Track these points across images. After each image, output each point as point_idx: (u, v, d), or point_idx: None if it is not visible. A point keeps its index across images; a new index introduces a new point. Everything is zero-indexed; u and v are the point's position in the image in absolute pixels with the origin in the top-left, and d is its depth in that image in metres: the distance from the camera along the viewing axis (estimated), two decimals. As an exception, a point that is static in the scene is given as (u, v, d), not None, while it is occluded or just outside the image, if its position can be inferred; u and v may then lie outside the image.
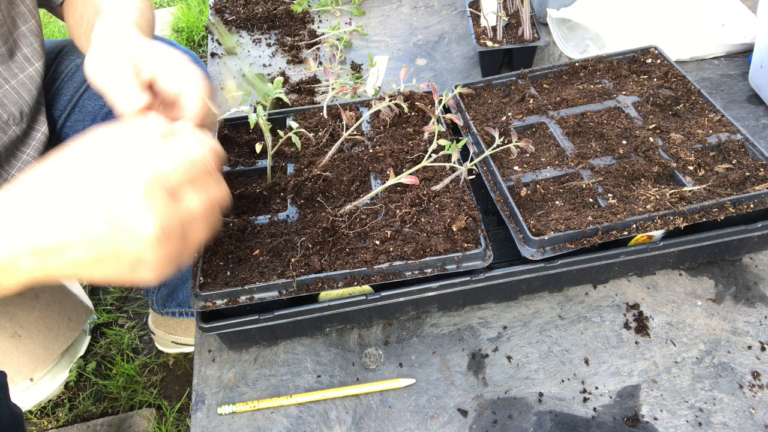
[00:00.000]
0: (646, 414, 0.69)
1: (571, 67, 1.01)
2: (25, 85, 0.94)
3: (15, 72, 0.93)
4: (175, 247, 0.51)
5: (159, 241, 0.49)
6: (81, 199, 0.49)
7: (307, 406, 0.73)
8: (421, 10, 1.49)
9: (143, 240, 0.49)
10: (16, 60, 0.93)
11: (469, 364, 0.76)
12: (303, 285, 0.70)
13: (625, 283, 0.83)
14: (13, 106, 0.93)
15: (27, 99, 0.95)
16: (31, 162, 0.99)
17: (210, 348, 0.81)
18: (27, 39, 0.95)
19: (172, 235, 0.50)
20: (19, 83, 0.93)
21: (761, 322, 0.77)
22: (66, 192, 0.50)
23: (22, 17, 0.94)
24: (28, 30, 0.95)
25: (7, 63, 0.92)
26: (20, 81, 0.94)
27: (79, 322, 1.49)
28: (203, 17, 2.87)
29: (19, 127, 0.95)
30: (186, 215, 0.52)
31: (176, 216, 0.51)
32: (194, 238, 0.54)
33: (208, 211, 0.54)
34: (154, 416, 1.43)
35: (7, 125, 0.93)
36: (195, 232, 0.53)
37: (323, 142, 0.90)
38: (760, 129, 1.03)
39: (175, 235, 0.51)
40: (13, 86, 0.92)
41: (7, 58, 0.92)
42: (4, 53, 0.91)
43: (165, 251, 0.50)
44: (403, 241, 0.73)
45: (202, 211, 0.53)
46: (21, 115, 0.94)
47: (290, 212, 0.80)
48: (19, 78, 0.93)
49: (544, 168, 0.84)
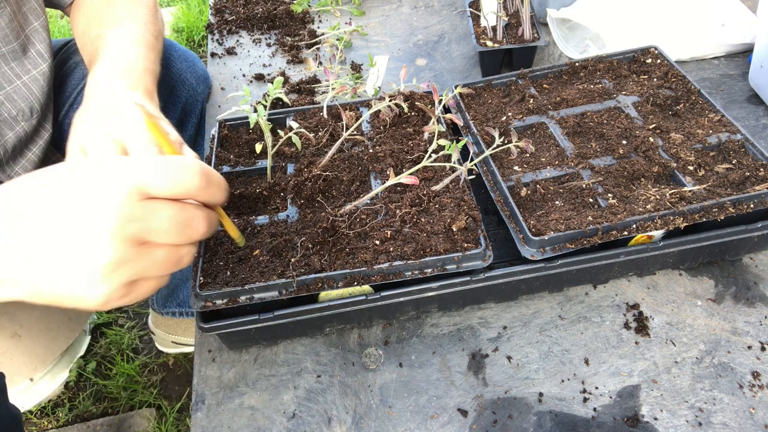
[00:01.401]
0: (646, 414, 0.69)
1: (571, 67, 1.01)
2: (36, 81, 0.94)
3: (28, 68, 0.92)
4: (133, 264, 0.47)
5: (113, 233, 0.45)
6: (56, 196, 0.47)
7: (307, 406, 0.73)
8: (421, 10, 1.49)
9: (98, 224, 0.45)
10: (30, 56, 0.93)
11: (469, 364, 0.76)
12: (303, 285, 0.70)
13: (625, 283, 0.83)
14: (23, 102, 0.92)
15: (38, 95, 0.94)
16: (35, 161, 0.99)
17: (210, 348, 0.81)
18: (40, 35, 0.94)
19: (133, 230, 0.46)
20: (31, 79, 0.93)
21: (761, 322, 0.77)
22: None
23: (34, 12, 0.93)
24: (41, 26, 0.94)
25: (21, 59, 0.91)
26: (32, 77, 0.93)
27: (79, 322, 1.49)
28: (203, 17, 2.87)
29: (28, 124, 0.94)
30: (152, 223, 0.48)
31: (140, 219, 0.47)
32: (160, 262, 0.49)
33: (176, 230, 0.49)
34: (154, 416, 1.43)
35: (15, 121, 0.92)
36: (161, 251, 0.49)
37: (323, 142, 0.90)
38: (760, 129, 1.03)
39: (136, 235, 0.47)
40: (25, 82, 0.92)
41: (20, 54, 0.91)
42: (17, 49, 0.90)
43: (118, 251, 0.46)
44: (403, 241, 0.73)
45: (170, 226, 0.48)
46: (31, 111, 0.94)
47: (290, 212, 0.80)
48: (31, 74, 0.93)
49: (544, 168, 0.84)
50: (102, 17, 0.91)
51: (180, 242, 0.50)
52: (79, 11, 0.97)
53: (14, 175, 0.95)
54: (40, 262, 0.46)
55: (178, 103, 1.14)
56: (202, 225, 0.50)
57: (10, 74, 0.90)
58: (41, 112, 0.96)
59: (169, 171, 0.48)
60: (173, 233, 0.48)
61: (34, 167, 0.98)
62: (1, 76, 0.89)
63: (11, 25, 0.88)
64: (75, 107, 1.07)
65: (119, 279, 0.47)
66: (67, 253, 0.46)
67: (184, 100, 1.15)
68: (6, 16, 0.86)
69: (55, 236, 0.46)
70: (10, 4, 0.87)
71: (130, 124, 0.70)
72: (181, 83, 1.14)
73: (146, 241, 0.48)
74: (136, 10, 0.93)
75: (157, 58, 0.89)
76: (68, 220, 0.46)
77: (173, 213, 0.48)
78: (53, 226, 0.46)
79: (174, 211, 0.48)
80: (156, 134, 0.54)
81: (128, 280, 0.48)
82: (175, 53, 1.14)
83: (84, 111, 0.76)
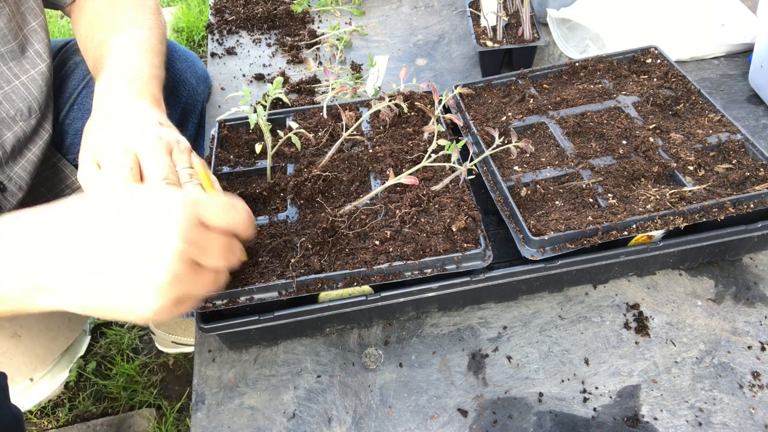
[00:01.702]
0: (646, 414, 0.69)
1: (571, 67, 1.01)
2: (35, 81, 0.94)
3: (26, 68, 0.92)
4: (186, 283, 0.53)
5: (178, 252, 0.51)
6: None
7: (307, 406, 0.73)
8: (421, 10, 1.49)
9: (165, 243, 0.51)
10: (28, 56, 0.93)
11: (469, 364, 0.76)
12: (303, 285, 0.70)
13: (625, 283, 0.83)
14: (22, 102, 0.92)
15: (37, 95, 0.94)
16: (35, 161, 0.99)
17: (210, 348, 0.81)
18: (38, 35, 0.94)
19: (191, 253, 0.53)
20: (30, 79, 0.93)
21: (761, 322, 0.77)
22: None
23: (32, 12, 0.93)
24: (39, 25, 0.94)
25: (19, 59, 0.91)
26: (31, 77, 0.93)
27: (79, 322, 1.49)
28: (203, 17, 2.87)
29: (27, 124, 0.94)
30: (208, 247, 0.55)
31: (198, 243, 0.54)
32: (205, 283, 0.55)
33: (225, 255, 0.56)
34: (154, 416, 1.43)
35: (14, 121, 0.92)
36: (209, 273, 0.56)
37: (323, 142, 0.90)
38: (760, 129, 1.03)
39: (193, 260, 0.53)
40: (23, 82, 0.92)
41: (19, 54, 0.91)
42: (15, 49, 0.90)
43: (178, 269, 0.51)
44: (403, 241, 0.73)
45: (222, 254, 0.56)
46: (29, 111, 0.94)
47: (290, 213, 0.80)
48: (30, 74, 0.93)
49: (544, 168, 0.84)
50: (105, 21, 0.91)
51: (222, 267, 0.57)
52: (80, 13, 0.96)
53: (14, 175, 0.95)
54: (102, 274, 0.51)
55: (178, 104, 1.14)
56: (239, 253, 0.60)
57: (8, 74, 0.90)
58: (40, 113, 0.96)
59: (226, 207, 0.57)
60: (220, 258, 0.56)
61: (33, 168, 0.98)
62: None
63: (9, 25, 0.88)
64: (75, 108, 1.07)
65: (171, 295, 0.52)
66: (130, 267, 0.51)
67: (185, 101, 1.15)
68: (4, 16, 0.86)
69: (120, 251, 0.51)
70: (9, 4, 0.87)
71: (149, 141, 0.71)
72: (181, 83, 1.14)
73: (197, 264, 0.54)
74: (139, 14, 0.93)
75: (162, 62, 0.89)
76: (134, 237, 0.51)
77: (222, 241, 0.56)
78: (118, 243, 0.51)
79: (223, 240, 0.56)
80: (206, 183, 0.69)
81: (177, 297, 0.53)
82: (176, 53, 1.14)
83: (94, 121, 0.77)
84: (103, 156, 0.72)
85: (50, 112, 1.01)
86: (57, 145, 1.06)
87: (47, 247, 0.52)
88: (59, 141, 1.06)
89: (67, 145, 1.07)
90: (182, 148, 0.73)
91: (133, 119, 0.74)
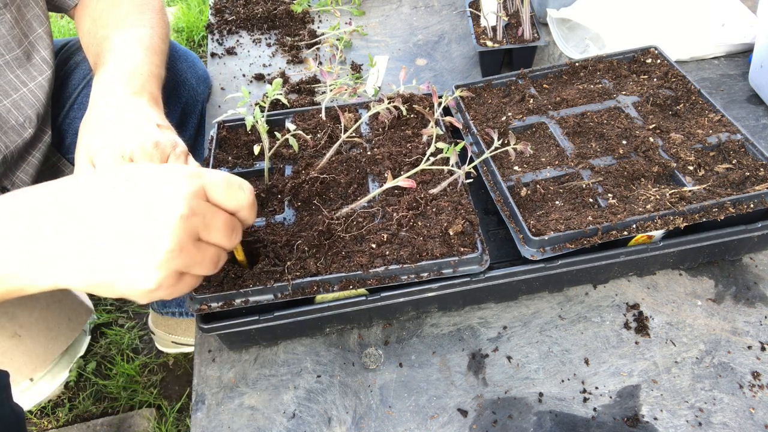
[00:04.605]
0: (646, 414, 0.69)
1: (571, 67, 1.01)
2: (42, 88, 0.93)
3: (33, 75, 0.92)
4: (188, 255, 0.52)
5: (182, 218, 0.50)
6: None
7: (307, 406, 0.73)
8: (421, 10, 1.49)
9: (168, 209, 0.50)
10: (35, 63, 0.92)
11: (469, 364, 0.76)
12: (298, 288, 0.70)
13: (625, 283, 0.83)
14: (30, 109, 0.92)
15: (44, 101, 0.94)
16: (36, 164, 0.99)
17: (210, 348, 0.81)
18: (44, 41, 0.94)
19: (193, 231, 0.52)
20: (38, 86, 0.93)
21: (761, 322, 0.77)
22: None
23: (38, 20, 0.93)
24: (45, 32, 0.94)
25: (26, 66, 0.91)
26: (38, 84, 0.93)
27: (79, 322, 1.49)
28: (203, 17, 2.87)
29: (33, 129, 0.95)
30: (210, 224, 0.54)
31: (202, 215, 0.53)
32: (207, 259, 0.55)
33: (226, 234, 0.55)
34: (154, 416, 1.43)
35: (23, 128, 0.92)
36: (210, 249, 0.55)
37: (321, 143, 0.90)
38: (760, 129, 1.03)
39: (194, 238, 0.52)
40: (31, 89, 0.92)
41: (25, 61, 0.91)
42: (21, 56, 0.90)
43: (182, 237, 0.50)
44: (400, 244, 0.72)
45: (224, 231, 0.55)
46: (37, 117, 0.94)
47: (287, 215, 0.80)
48: (37, 81, 0.93)
49: (544, 168, 0.84)
50: (108, 19, 0.91)
51: (224, 244, 0.56)
52: (84, 12, 0.96)
53: (15, 179, 0.95)
54: (102, 246, 0.50)
55: (178, 104, 1.14)
56: (239, 233, 0.58)
57: (16, 82, 0.90)
58: (43, 118, 0.96)
59: (232, 184, 0.56)
60: (223, 235, 0.55)
61: (35, 170, 0.98)
62: (7, 84, 0.89)
63: (12, 33, 0.88)
64: (75, 107, 1.07)
65: (174, 266, 0.51)
66: (133, 235, 0.50)
67: (185, 101, 1.15)
68: (6, 23, 0.86)
69: (123, 220, 0.50)
70: (10, 10, 0.87)
71: (145, 147, 0.71)
72: (181, 83, 1.14)
73: (200, 238, 0.53)
74: (143, 13, 0.93)
75: (163, 61, 0.89)
76: (138, 206, 0.50)
77: (226, 217, 0.55)
78: (121, 212, 0.50)
79: (226, 216, 0.55)
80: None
81: (179, 270, 0.52)
82: (176, 53, 1.14)
83: (90, 117, 0.76)
84: (98, 158, 0.72)
85: (49, 115, 1.01)
86: (57, 144, 1.06)
87: (49, 218, 0.51)
88: (59, 141, 1.06)
89: (67, 145, 1.07)
90: (179, 153, 0.73)
91: (131, 120, 0.74)
